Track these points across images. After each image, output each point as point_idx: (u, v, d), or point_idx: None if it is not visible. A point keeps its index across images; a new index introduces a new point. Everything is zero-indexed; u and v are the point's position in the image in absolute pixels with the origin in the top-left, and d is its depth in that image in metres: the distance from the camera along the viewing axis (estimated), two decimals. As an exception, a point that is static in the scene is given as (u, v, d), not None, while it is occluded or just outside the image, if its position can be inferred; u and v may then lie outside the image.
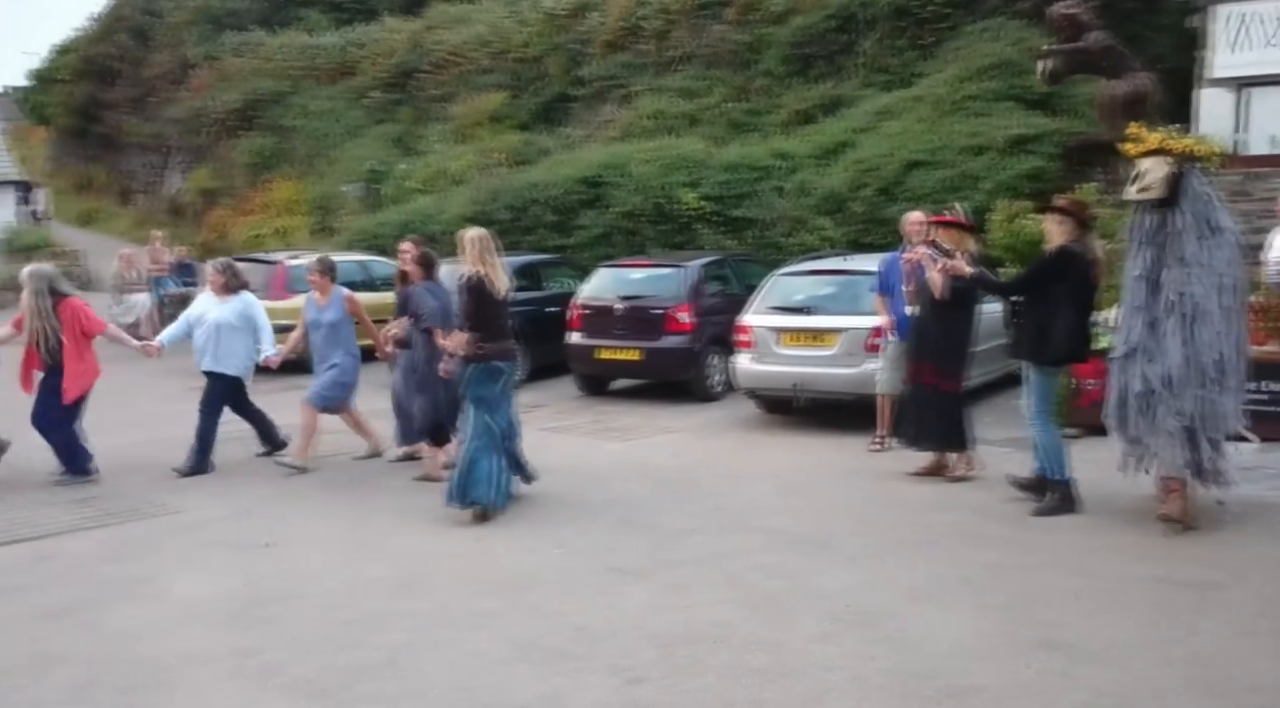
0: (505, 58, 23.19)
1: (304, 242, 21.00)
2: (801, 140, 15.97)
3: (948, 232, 7.25)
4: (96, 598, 5.21)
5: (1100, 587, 5.11)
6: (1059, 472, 6.49)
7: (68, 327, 7.53)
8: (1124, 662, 4.23)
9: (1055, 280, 6.38)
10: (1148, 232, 5.99)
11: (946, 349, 7.23)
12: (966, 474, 7.34)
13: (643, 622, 4.78)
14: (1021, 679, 4.09)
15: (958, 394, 7.33)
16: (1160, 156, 5.86)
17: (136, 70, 33.74)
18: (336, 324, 8.21)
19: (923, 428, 7.33)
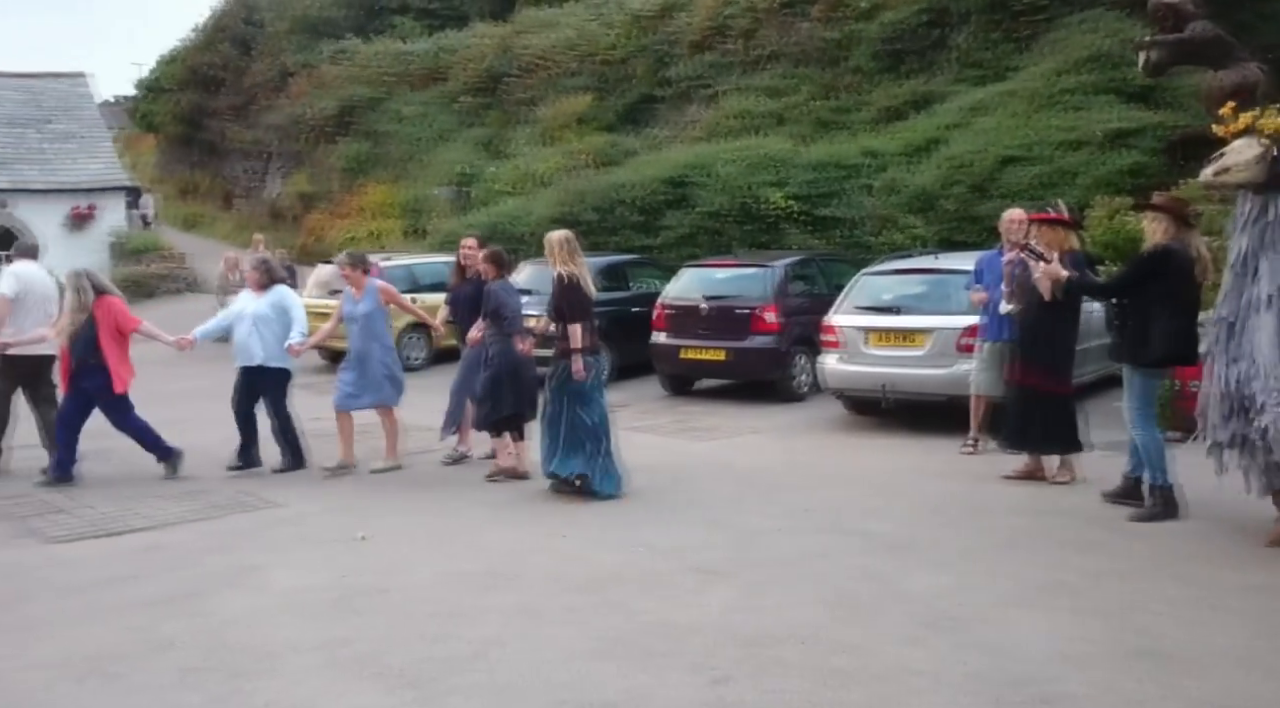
0: (592, 60, 23.38)
1: (396, 244, 21.50)
2: (890, 137, 15.76)
3: (1051, 230, 6.98)
4: (202, 587, 5.42)
5: (1200, 595, 4.93)
6: (1160, 476, 6.28)
7: (103, 324, 7.70)
8: (1224, 673, 4.08)
9: (1154, 280, 6.16)
10: (1245, 219, 5.68)
11: (1055, 350, 7.01)
12: (1065, 479, 7.14)
13: (727, 621, 4.78)
14: (1117, 689, 3.97)
15: (1069, 396, 7.13)
16: (1250, 137, 5.53)
17: (238, 79, 34.93)
18: (371, 315, 8.16)
19: (1030, 430, 7.13)
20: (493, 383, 7.69)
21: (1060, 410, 7.06)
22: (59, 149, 25.21)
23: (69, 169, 24.85)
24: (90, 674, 4.25)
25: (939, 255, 10.36)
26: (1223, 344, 5.66)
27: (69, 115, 26.17)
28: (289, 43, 33.11)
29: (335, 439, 8.40)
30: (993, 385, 8.04)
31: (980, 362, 8.17)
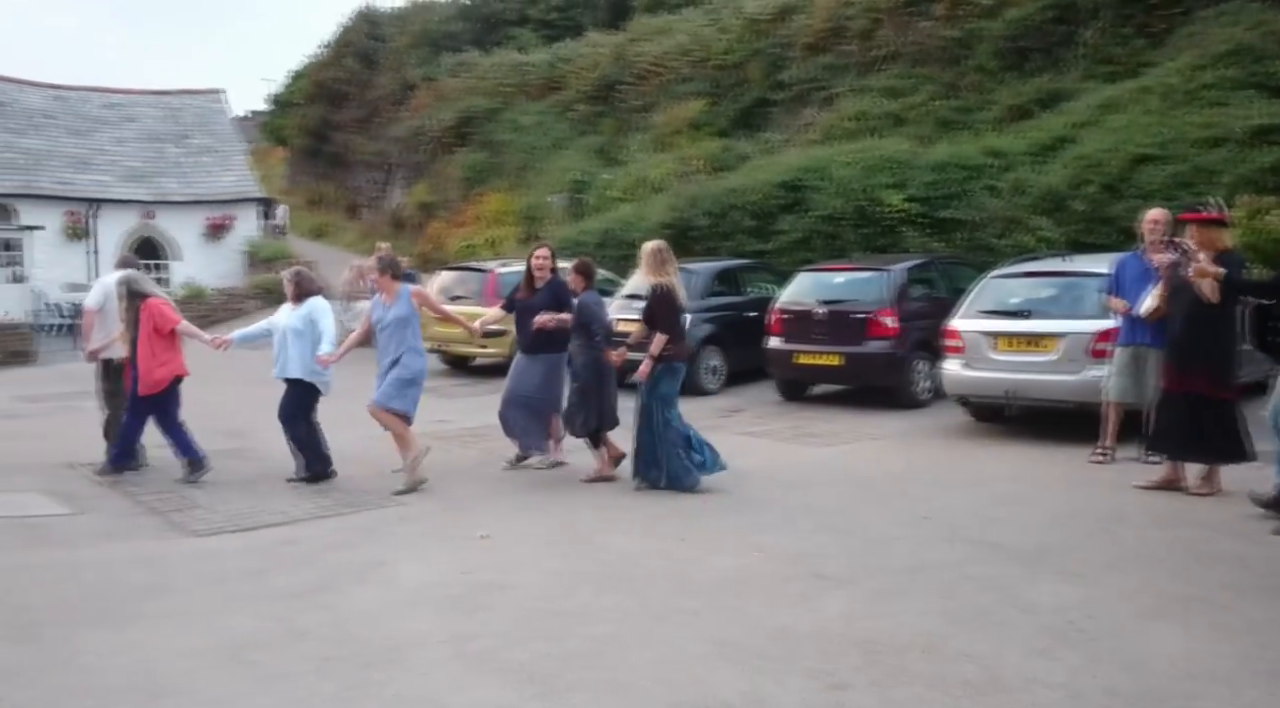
0: (705, 65, 23.40)
1: (513, 251, 21.91)
2: (1016, 137, 15.29)
3: (1206, 229, 6.62)
4: (333, 580, 5.62)
5: (1359, 616, 4.63)
6: None
7: (143, 325, 7.96)
8: (1390, 699, 3.83)
9: None
10: None
11: (1215, 354, 6.65)
12: (1206, 491, 6.78)
13: (846, 627, 4.71)
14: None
15: (1234, 402, 6.74)
16: None
17: (363, 92, 36.20)
18: (405, 319, 7.86)
19: (1192, 439, 6.75)
20: (582, 395, 7.81)
21: (1226, 418, 6.66)
22: (196, 163, 26.59)
23: (206, 182, 26.18)
24: (231, 662, 4.45)
25: (1069, 257, 10.00)
26: None
27: (205, 130, 27.58)
28: (411, 57, 34.13)
29: (457, 442, 8.60)
30: (1126, 391, 7.72)
31: (1115, 367, 7.84)
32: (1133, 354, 7.66)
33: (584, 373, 7.81)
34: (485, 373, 14.52)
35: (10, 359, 17.08)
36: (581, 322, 7.82)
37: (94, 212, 24.11)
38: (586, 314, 7.82)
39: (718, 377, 12.60)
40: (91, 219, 24.06)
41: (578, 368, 7.84)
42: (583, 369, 7.80)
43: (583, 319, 7.82)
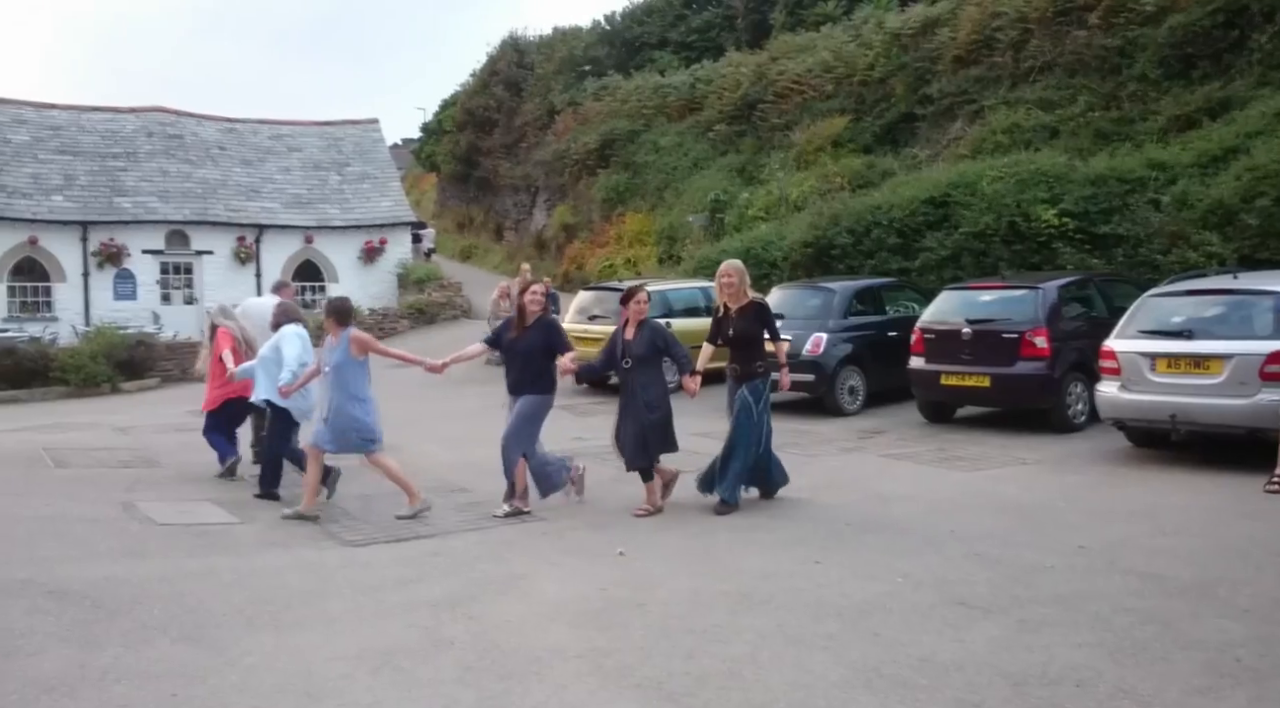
0: (848, 82, 23.13)
1: (651, 270, 22.13)
2: (1182, 148, 14.51)
3: None
4: (477, 592, 5.78)
5: None
6: None
7: (214, 351, 9.21)
8: None
9: None
10: None
11: None
12: None
13: (993, 659, 4.54)
14: None
15: None
16: None
17: (509, 119, 37.30)
18: (339, 367, 7.63)
19: None
20: (664, 425, 7.73)
21: None
22: (355, 189, 27.94)
23: (363, 207, 27.48)
24: (383, 667, 4.63)
25: (1238, 274, 9.40)
26: None
27: (363, 158, 28.96)
28: (555, 82, 34.98)
29: (595, 460, 8.70)
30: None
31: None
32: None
33: (663, 403, 7.74)
34: (625, 391, 14.66)
35: (185, 376, 18.26)
36: (661, 349, 7.73)
37: (259, 237, 25.62)
38: (665, 341, 7.77)
39: (856, 397, 12.38)
40: (257, 244, 25.57)
41: (654, 399, 7.68)
42: (660, 400, 7.71)
43: (663, 345, 7.73)
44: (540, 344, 7.76)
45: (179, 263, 25.14)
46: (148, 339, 20.00)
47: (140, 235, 24.46)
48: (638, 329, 7.76)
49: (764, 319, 7.74)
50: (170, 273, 25.09)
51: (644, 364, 7.69)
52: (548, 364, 7.81)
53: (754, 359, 7.63)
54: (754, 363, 7.62)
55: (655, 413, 7.66)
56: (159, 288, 24.88)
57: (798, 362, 12.30)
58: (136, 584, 5.90)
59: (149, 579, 6.01)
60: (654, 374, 7.76)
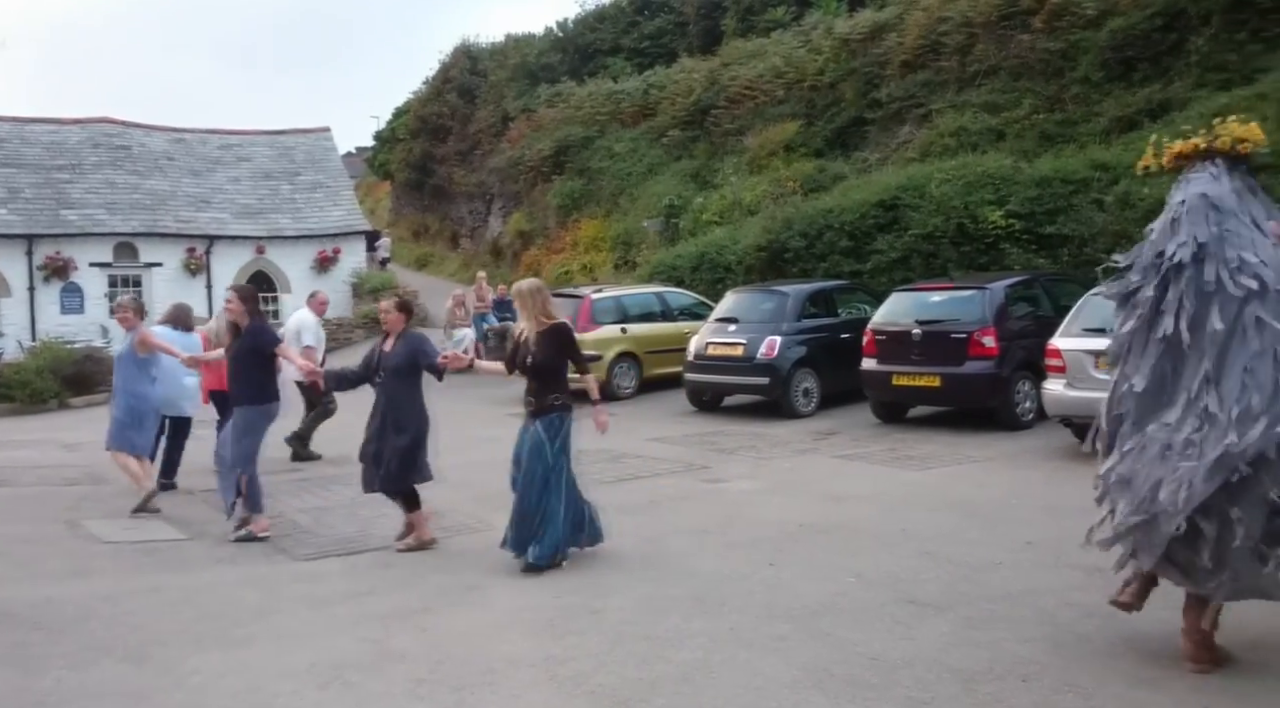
0: (799, 87, 23.31)
1: (607, 276, 22.15)
2: (1124, 149, 14.78)
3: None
4: (430, 604, 5.75)
5: None
6: None
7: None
8: None
9: None
10: None
11: None
12: None
13: (942, 655, 4.60)
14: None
15: None
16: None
17: (463, 126, 37.14)
18: (121, 359, 8.03)
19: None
20: (412, 449, 6.92)
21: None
22: (307, 198, 27.65)
23: (316, 217, 27.19)
24: (333, 682, 4.58)
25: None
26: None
27: (315, 167, 28.68)
28: (510, 89, 34.89)
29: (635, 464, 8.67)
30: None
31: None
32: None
33: (417, 422, 6.95)
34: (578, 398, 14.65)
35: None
36: (416, 363, 6.97)
37: (210, 248, 25.27)
38: (425, 357, 6.99)
39: (810, 399, 12.49)
40: (207, 255, 25.22)
41: (405, 418, 6.90)
42: (415, 418, 6.94)
43: (418, 361, 6.97)
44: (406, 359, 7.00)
45: (128, 275, 24.71)
46: (95, 353, 19.62)
47: (87, 248, 24.00)
48: (397, 341, 7.07)
49: (563, 346, 6.60)
50: (119, 286, 24.64)
51: (398, 379, 6.93)
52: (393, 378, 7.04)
53: (551, 391, 6.50)
54: (549, 395, 6.49)
55: (403, 436, 6.86)
56: (107, 301, 24.42)
57: (753, 365, 12.40)
58: (80, 604, 5.80)
59: (93, 599, 5.91)
60: (408, 392, 6.96)
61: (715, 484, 8.82)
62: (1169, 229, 4.49)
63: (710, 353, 12.88)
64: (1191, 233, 4.37)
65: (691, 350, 13.18)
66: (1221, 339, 4.19)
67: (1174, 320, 4.33)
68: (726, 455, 10.15)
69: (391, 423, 6.87)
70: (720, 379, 12.98)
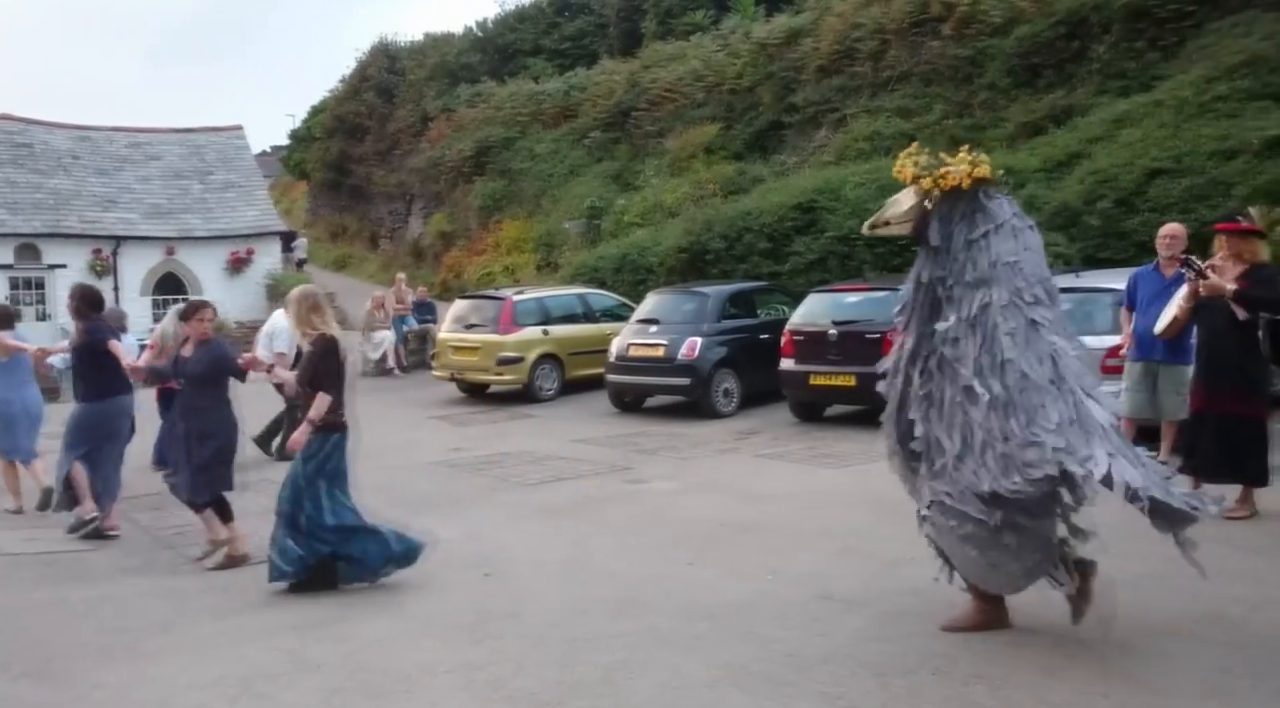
0: (718, 90, 23.53)
1: (530, 277, 22.06)
2: (1029, 153, 15.25)
3: (1241, 240, 6.46)
4: (346, 612, 5.65)
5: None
6: None
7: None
8: None
9: None
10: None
11: (1245, 372, 6.44)
12: (1242, 514, 6.52)
13: (856, 651, 4.69)
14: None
15: (1263, 421, 6.49)
16: (911, 188, 4.85)
17: (382, 125, 36.61)
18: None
19: (1224, 460, 6.49)
20: (222, 453, 6.78)
21: (1258, 438, 6.44)
22: (219, 198, 26.95)
23: (228, 217, 26.52)
24: (243, 694, 4.48)
25: (1080, 273, 9.95)
26: None
27: (227, 166, 27.97)
28: (429, 88, 34.51)
29: (471, 470, 8.61)
30: (1139, 408, 7.65)
31: (1126, 383, 7.78)
32: (1144, 369, 7.58)
33: (223, 430, 6.81)
34: (501, 400, 14.59)
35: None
36: (219, 370, 6.85)
37: (117, 249, 24.48)
38: (228, 364, 6.89)
39: (731, 399, 12.61)
40: (114, 256, 24.43)
41: (209, 427, 6.75)
42: (218, 429, 6.79)
43: (223, 368, 6.86)
44: (209, 368, 6.87)
45: (30, 278, 23.80)
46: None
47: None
48: (198, 347, 6.92)
49: (311, 359, 6.12)
50: (21, 288, 23.72)
51: (199, 386, 6.81)
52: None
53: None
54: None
55: (206, 445, 6.70)
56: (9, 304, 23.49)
57: (674, 366, 12.47)
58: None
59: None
60: (211, 400, 6.82)
61: (637, 485, 8.85)
62: None
63: (632, 354, 12.92)
64: None
65: (613, 352, 13.20)
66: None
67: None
68: (648, 456, 10.19)
69: (195, 432, 6.74)
70: (642, 380, 13.02)
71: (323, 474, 6.05)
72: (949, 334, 4.66)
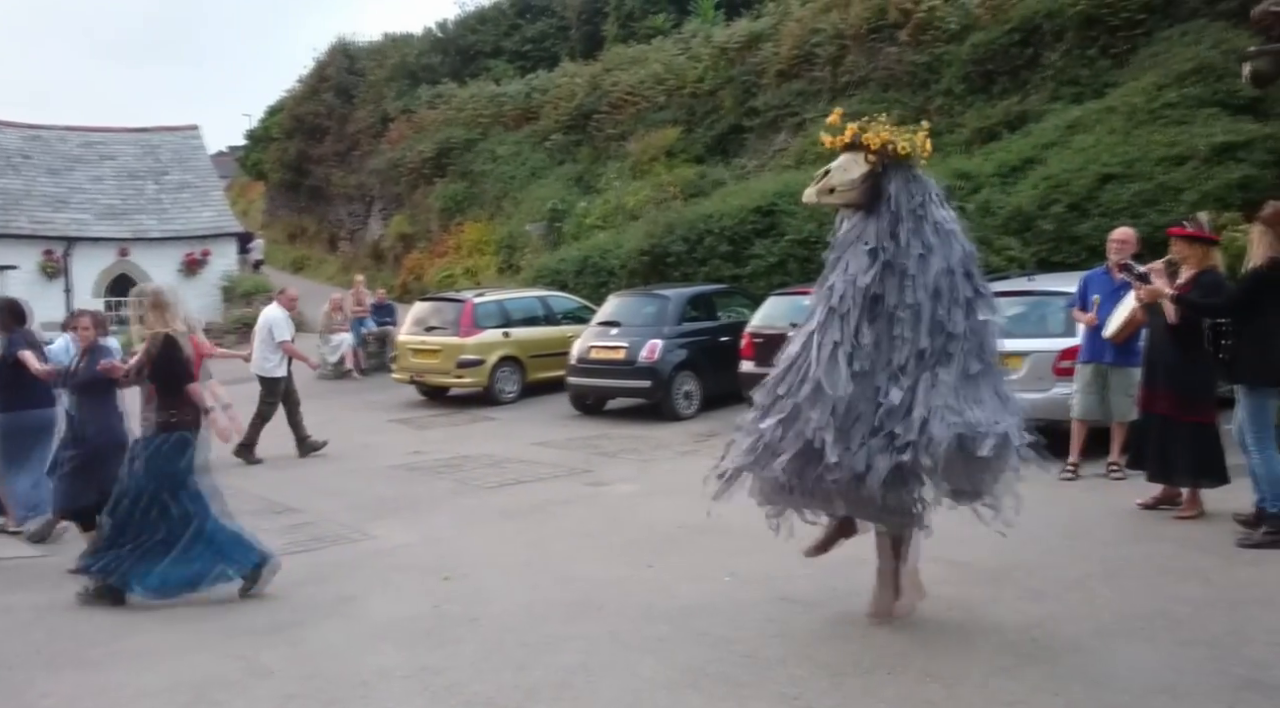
0: (679, 94, 23.60)
1: (491, 280, 21.98)
2: (984, 159, 15.45)
3: (1190, 246, 6.57)
4: (302, 617, 5.60)
5: (1318, 627, 4.68)
6: (1275, 502, 5.98)
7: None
8: (1345, 709, 3.87)
9: (1272, 296, 5.92)
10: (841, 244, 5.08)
11: (1184, 375, 6.54)
12: (1190, 513, 6.66)
13: (812, 651, 4.73)
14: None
15: (1209, 424, 6.59)
16: (856, 153, 4.89)
17: (341, 126, 36.29)
18: None
19: (1165, 460, 6.65)
20: (90, 462, 6.67)
21: (1199, 439, 6.53)
22: (174, 199, 26.57)
23: (184, 218, 26.16)
24: (195, 702, 4.43)
25: (1033, 277, 10.10)
26: None
27: (183, 166, 27.58)
28: (389, 89, 34.26)
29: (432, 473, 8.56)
30: (1089, 409, 7.79)
31: (1077, 384, 7.92)
32: (1094, 371, 7.73)
33: (99, 436, 6.73)
34: (461, 403, 14.52)
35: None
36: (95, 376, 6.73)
37: (69, 250, 24.06)
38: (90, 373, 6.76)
39: (691, 402, 12.64)
40: (66, 258, 24.00)
41: (92, 434, 6.74)
42: (99, 436, 6.73)
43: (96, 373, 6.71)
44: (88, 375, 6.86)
45: (-23, 279, 23.34)
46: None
47: (-67, 251, 22.59)
48: (84, 355, 6.97)
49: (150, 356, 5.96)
50: (-33, 290, 23.26)
51: (84, 394, 6.82)
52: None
53: (166, 407, 5.94)
54: (165, 412, 5.93)
55: (82, 450, 6.69)
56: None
57: (635, 368, 12.48)
58: (-81, 630, 5.46)
59: (-65, 624, 5.57)
60: (94, 407, 6.78)
61: (597, 488, 8.85)
62: None
63: (593, 356, 12.92)
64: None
65: (574, 354, 13.18)
66: None
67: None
68: (609, 459, 10.19)
69: (75, 439, 6.78)
70: (603, 383, 13.02)
71: (159, 474, 5.86)
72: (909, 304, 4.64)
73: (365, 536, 7.42)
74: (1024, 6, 17.60)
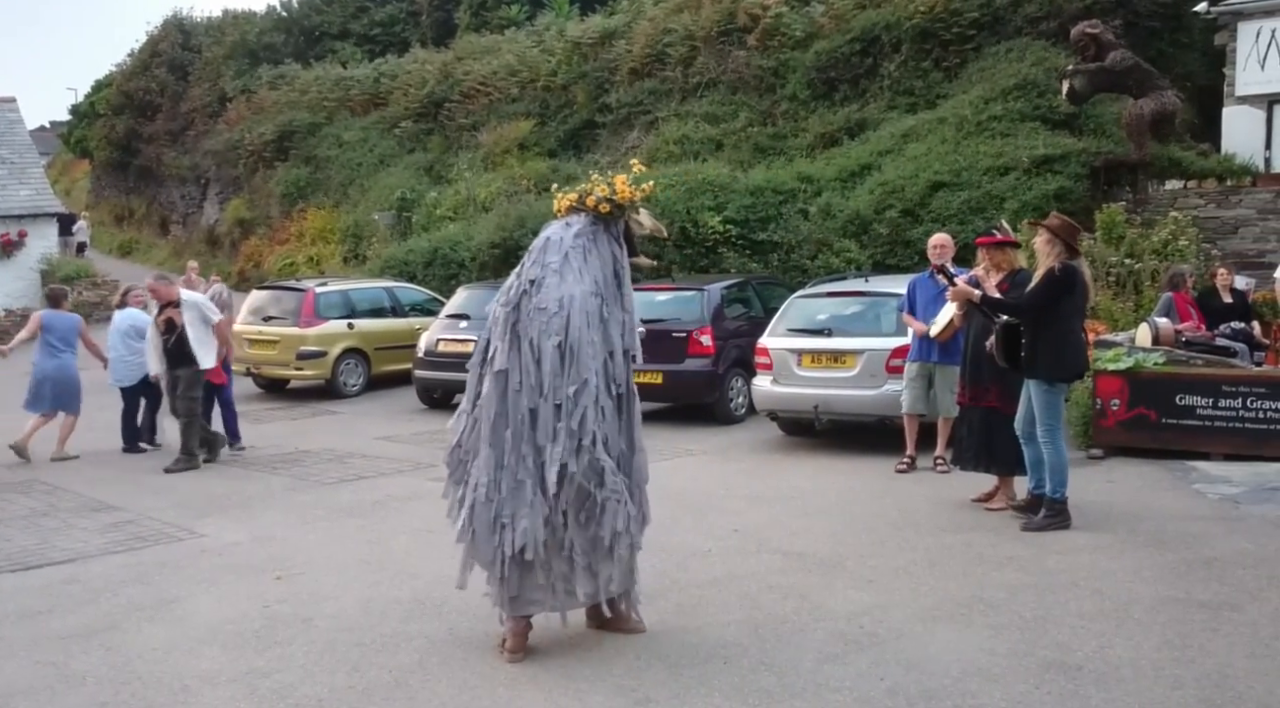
0: (533, 86, 23.49)
1: (336, 269, 21.33)
2: (826, 163, 16.00)
3: (998, 251, 7.03)
4: (119, 620, 5.30)
5: (1115, 608, 5.05)
6: (1063, 489, 6.46)
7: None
8: (1135, 683, 4.19)
9: (1066, 297, 6.39)
10: None
11: (1000, 370, 6.85)
12: (1001, 503, 7.05)
13: (652, 643, 4.79)
14: (1030, 701, 4.06)
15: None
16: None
17: (174, 104, 34.52)
18: None
19: (984, 452, 7.05)
20: None
21: (1009, 431, 6.90)
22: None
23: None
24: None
25: (869, 278, 10.52)
26: None
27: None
28: (227, 68, 32.81)
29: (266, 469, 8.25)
30: (915, 402, 8.20)
31: (906, 381, 8.32)
32: (920, 369, 8.14)
33: None
34: (300, 396, 14.05)
35: None
36: None
37: None
38: None
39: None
40: None
41: None
42: None
43: None
44: None
45: None
46: None
47: None
48: None
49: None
50: None
51: None
52: None
53: None
54: None
55: None
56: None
57: (482, 363, 12.34)
58: None
59: None
60: None
61: (442, 484, 8.68)
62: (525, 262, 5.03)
63: (441, 350, 12.70)
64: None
65: (422, 347, 12.95)
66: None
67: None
68: None
69: None
70: (451, 377, 12.79)
71: None
72: None
73: (192, 534, 7.08)
74: (864, 17, 18.33)
